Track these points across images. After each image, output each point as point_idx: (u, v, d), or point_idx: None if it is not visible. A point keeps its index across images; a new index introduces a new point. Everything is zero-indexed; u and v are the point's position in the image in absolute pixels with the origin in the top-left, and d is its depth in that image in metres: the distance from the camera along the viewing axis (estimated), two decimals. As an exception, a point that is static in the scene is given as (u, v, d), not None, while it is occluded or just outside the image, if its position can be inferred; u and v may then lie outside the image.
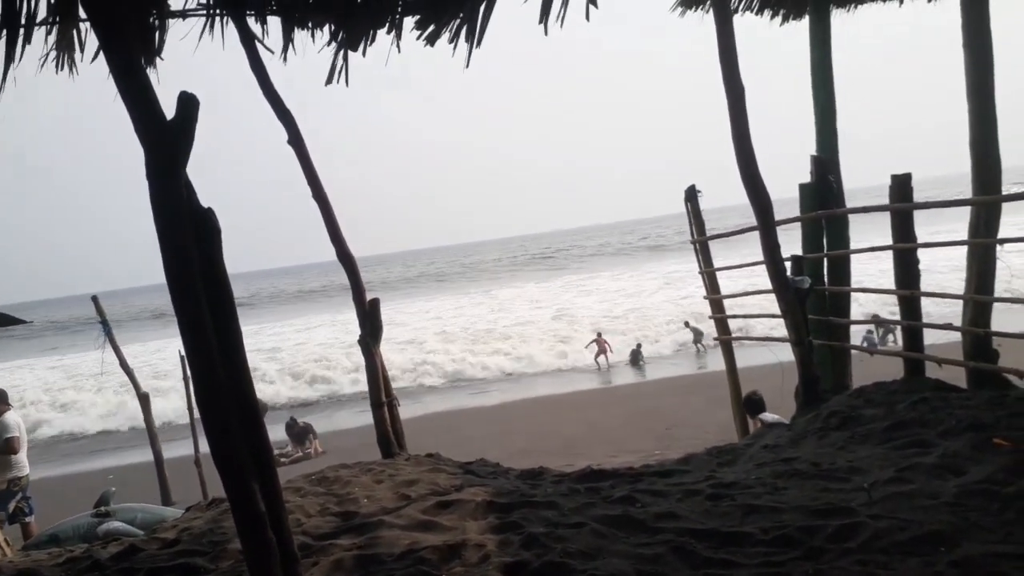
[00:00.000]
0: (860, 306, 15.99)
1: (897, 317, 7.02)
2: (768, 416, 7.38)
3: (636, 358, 20.50)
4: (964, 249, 6.78)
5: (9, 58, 4.60)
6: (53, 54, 5.11)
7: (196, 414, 10.03)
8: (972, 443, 4.46)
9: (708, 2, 7.91)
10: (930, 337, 6.75)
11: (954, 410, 5.14)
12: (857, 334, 15.20)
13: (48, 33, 5.01)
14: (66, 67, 5.22)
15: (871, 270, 14.66)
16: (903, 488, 3.98)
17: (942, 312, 13.00)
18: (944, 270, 16.32)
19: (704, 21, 8.20)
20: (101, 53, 4.32)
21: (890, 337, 16.99)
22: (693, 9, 8.62)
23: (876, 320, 15.37)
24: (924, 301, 6.62)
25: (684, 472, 5.21)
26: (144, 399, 11.64)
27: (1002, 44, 6.86)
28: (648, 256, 62.27)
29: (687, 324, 21.81)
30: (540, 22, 5.43)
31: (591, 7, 5.24)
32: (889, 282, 6.79)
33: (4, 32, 4.52)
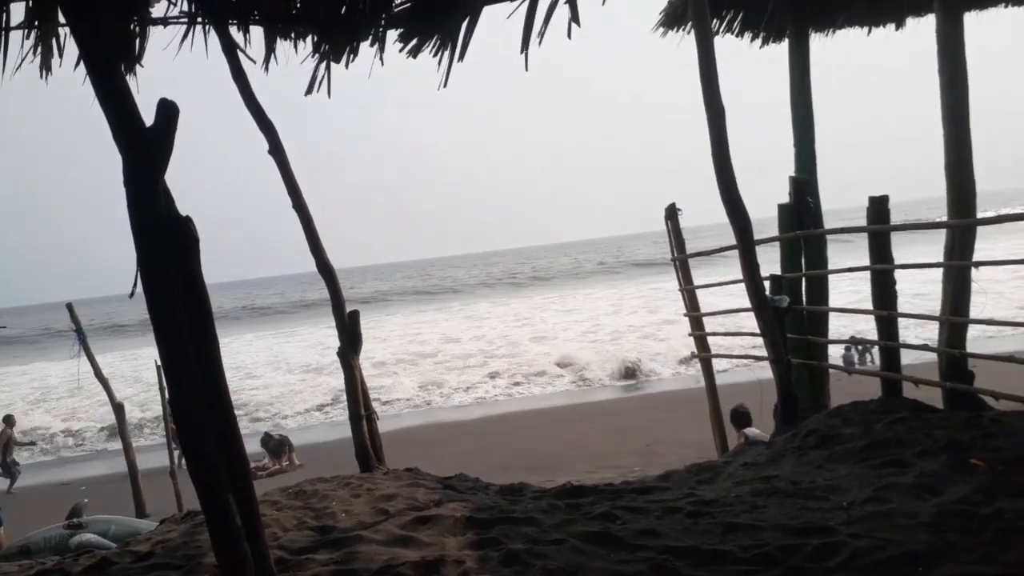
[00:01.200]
0: (844, 327, 16.09)
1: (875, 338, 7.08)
2: (752, 431, 7.41)
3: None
4: (940, 272, 6.86)
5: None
6: (30, 59, 5.06)
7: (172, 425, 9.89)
8: (949, 463, 4.49)
9: (689, 24, 7.99)
10: (907, 357, 6.82)
11: (931, 430, 5.17)
12: (835, 354, 15.32)
13: (25, 38, 4.96)
14: (45, 72, 5.16)
15: (846, 289, 14.81)
16: (881, 507, 3.99)
17: (918, 334, 13.17)
18: (917, 292, 16.55)
19: (685, 42, 8.31)
20: (80, 59, 4.28)
21: (867, 356, 17.11)
22: (675, 30, 8.72)
23: (854, 340, 15.49)
24: (901, 322, 6.69)
25: (664, 489, 5.20)
26: (119, 409, 11.48)
27: (978, 68, 6.98)
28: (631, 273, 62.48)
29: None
30: (521, 51, 5.44)
31: (573, 25, 5.27)
32: (869, 304, 6.84)
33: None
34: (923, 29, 8.63)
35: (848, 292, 14.43)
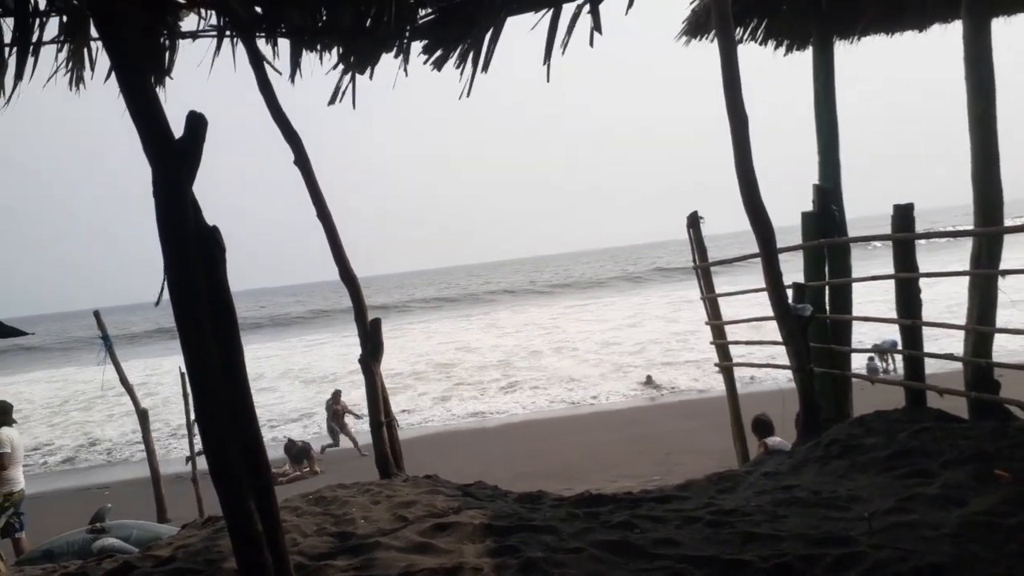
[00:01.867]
0: (881, 335, 15.88)
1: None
2: (774, 440, 7.35)
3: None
4: (966, 282, 6.78)
5: (19, 75, 4.65)
6: (63, 71, 5.17)
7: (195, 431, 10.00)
8: (974, 474, 4.44)
9: (712, 32, 7.98)
10: (931, 367, 6.74)
11: (956, 440, 5.11)
12: (859, 363, 15.17)
13: (59, 51, 5.08)
14: (76, 85, 5.27)
15: (878, 299, 14.66)
16: (904, 518, 3.95)
17: (942, 344, 12.99)
18: (945, 301, 16.33)
19: (709, 50, 8.30)
20: (111, 72, 4.38)
21: (889, 361, 16.87)
22: (698, 38, 8.72)
23: (877, 349, 15.32)
24: (925, 331, 6.62)
25: (683, 498, 5.18)
26: (143, 415, 11.61)
27: (1006, 75, 6.91)
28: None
29: None
30: (544, 62, 5.48)
31: (595, 33, 5.29)
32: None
33: (15, 49, 4.58)
34: (950, 36, 8.58)
35: (879, 302, 14.28)
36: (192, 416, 9.86)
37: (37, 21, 4.34)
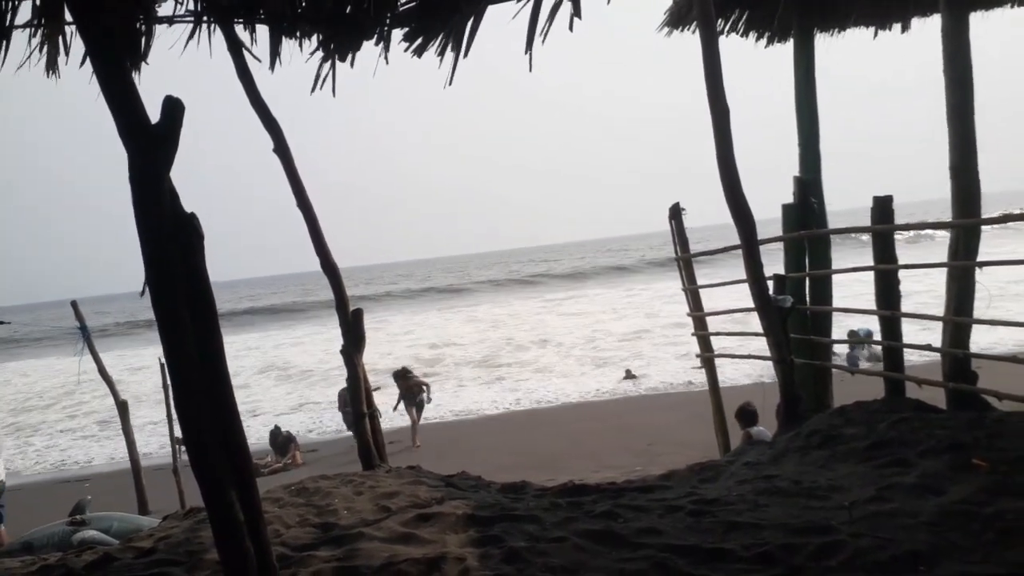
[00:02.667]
0: (863, 323, 15.92)
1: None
2: (756, 430, 7.41)
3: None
4: (943, 273, 6.85)
5: (-7, 59, 4.56)
6: (36, 56, 5.08)
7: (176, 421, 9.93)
8: (951, 463, 4.49)
9: (694, 23, 7.99)
10: (910, 358, 6.81)
11: (934, 430, 5.17)
12: (840, 352, 15.28)
13: (32, 35, 4.98)
14: (51, 70, 5.18)
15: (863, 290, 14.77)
16: (883, 507, 3.99)
17: (920, 334, 13.12)
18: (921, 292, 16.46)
19: (690, 41, 8.31)
20: (87, 57, 4.30)
21: (867, 350, 16.93)
22: (680, 29, 8.73)
23: (856, 339, 15.43)
24: (904, 322, 6.68)
25: (666, 488, 5.20)
26: (123, 407, 11.51)
27: (983, 69, 6.97)
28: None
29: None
30: (526, 51, 5.45)
31: (575, 19, 5.27)
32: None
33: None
34: (929, 29, 8.65)
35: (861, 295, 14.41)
36: (172, 406, 9.77)
37: (10, 4, 4.25)
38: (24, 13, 4.71)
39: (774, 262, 7.65)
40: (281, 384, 24.96)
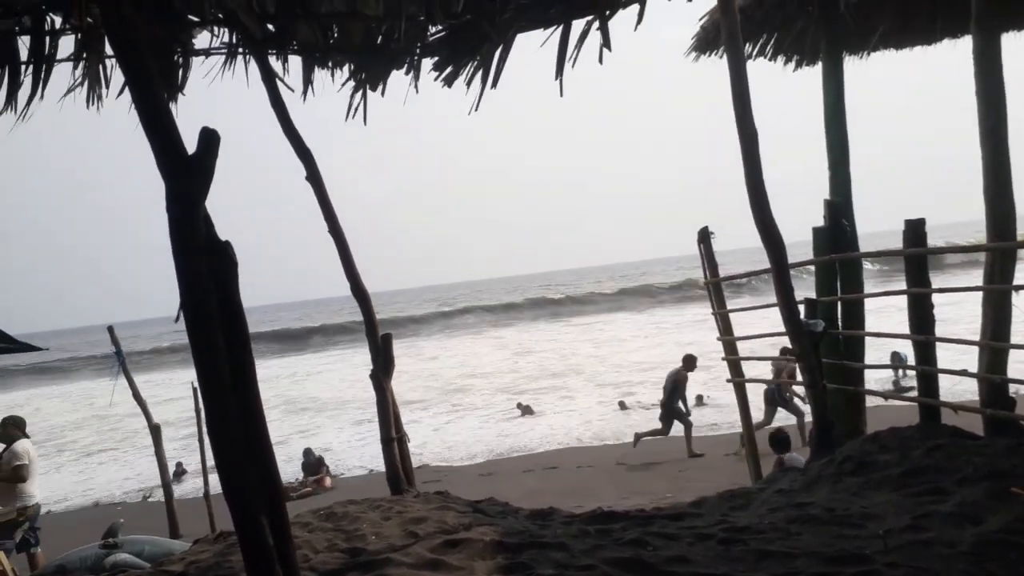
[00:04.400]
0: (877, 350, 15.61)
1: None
2: (789, 456, 7.30)
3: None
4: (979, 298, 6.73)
5: (35, 91, 4.72)
6: (79, 89, 5.24)
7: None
8: (989, 491, 4.39)
9: (721, 48, 8.01)
10: (945, 383, 6.68)
11: (971, 457, 5.06)
12: (872, 378, 15.00)
13: (74, 68, 5.15)
14: (93, 102, 5.34)
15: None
16: (919, 536, 3.91)
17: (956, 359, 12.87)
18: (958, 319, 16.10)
19: (718, 65, 8.32)
20: (125, 88, 4.43)
21: (902, 374, 16.63)
22: (707, 54, 8.75)
23: (896, 359, 15.15)
24: (939, 348, 6.57)
25: (696, 516, 5.14)
26: (155, 430, 11.65)
27: (1018, 89, 6.90)
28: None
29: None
30: (556, 78, 5.53)
31: (604, 50, 5.34)
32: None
33: (31, 66, 4.65)
34: (960, 49, 8.59)
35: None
36: (204, 431, 9.88)
37: (52, 40, 4.40)
38: (67, 47, 4.88)
39: (806, 286, 7.58)
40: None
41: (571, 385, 24.28)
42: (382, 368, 6.87)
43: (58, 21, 4.69)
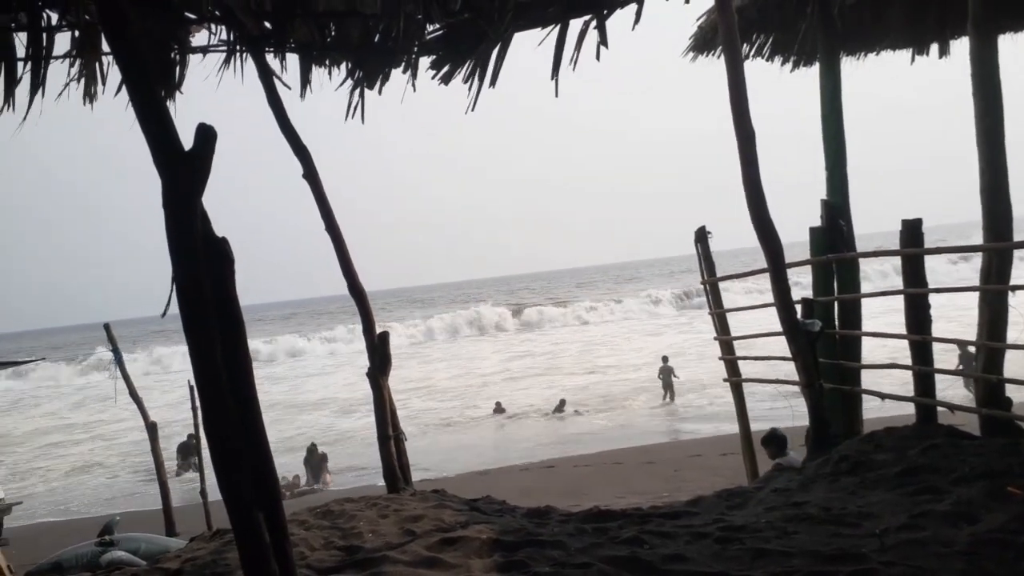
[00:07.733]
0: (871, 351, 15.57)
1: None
2: (786, 457, 7.30)
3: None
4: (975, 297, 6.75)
5: (34, 88, 4.71)
6: (75, 85, 5.22)
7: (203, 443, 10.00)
8: (985, 491, 4.40)
9: (719, 48, 8.01)
10: (941, 383, 6.69)
11: (967, 457, 5.07)
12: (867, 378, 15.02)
13: (71, 65, 5.13)
14: (89, 98, 5.32)
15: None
16: (916, 535, 3.92)
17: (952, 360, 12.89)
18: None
19: (715, 66, 8.33)
20: (122, 86, 4.42)
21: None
22: (704, 55, 8.75)
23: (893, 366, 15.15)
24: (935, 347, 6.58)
25: (693, 514, 5.15)
26: (152, 428, 11.61)
27: (1014, 91, 6.91)
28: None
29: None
30: (552, 77, 5.53)
31: (601, 47, 5.34)
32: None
33: (29, 64, 4.64)
34: (957, 51, 8.60)
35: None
36: (201, 428, 9.86)
37: (48, 36, 4.39)
38: (62, 44, 4.87)
39: (802, 286, 7.58)
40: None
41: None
42: (379, 366, 6.87)
43: (55, 17, 4.68)
